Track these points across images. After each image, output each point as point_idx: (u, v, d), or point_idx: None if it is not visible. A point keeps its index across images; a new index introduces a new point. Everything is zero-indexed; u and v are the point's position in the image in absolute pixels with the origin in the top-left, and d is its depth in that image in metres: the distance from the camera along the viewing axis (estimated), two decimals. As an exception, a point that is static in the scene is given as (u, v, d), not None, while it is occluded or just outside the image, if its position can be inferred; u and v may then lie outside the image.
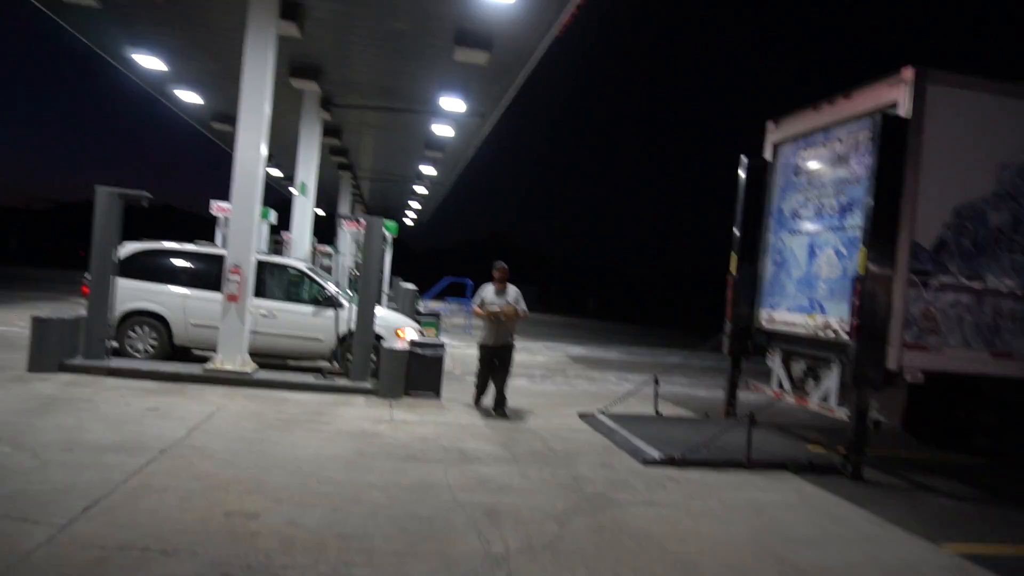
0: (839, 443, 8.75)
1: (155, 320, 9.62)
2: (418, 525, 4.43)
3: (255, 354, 9.54)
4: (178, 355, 9.72)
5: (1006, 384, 7.59)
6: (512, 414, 8.47)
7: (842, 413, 7.52)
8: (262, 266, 9.98)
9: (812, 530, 5.18)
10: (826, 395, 7.83)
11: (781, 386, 8.82)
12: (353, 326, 9.38)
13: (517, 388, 10.68)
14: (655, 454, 6.89)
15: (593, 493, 5.55)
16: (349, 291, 10.29)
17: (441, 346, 9.42)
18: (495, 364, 8.59)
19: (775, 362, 8.98)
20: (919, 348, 7.10)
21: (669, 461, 6.74)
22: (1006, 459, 8.77)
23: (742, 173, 9.64)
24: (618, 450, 7.19)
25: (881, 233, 6.97)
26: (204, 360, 8.99)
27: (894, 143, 6.96)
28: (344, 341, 9.74)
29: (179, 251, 10.14)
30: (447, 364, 9.85)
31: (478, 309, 8.55)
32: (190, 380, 8.50)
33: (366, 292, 9.29)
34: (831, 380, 7.71)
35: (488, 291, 8.58)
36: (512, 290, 8.54)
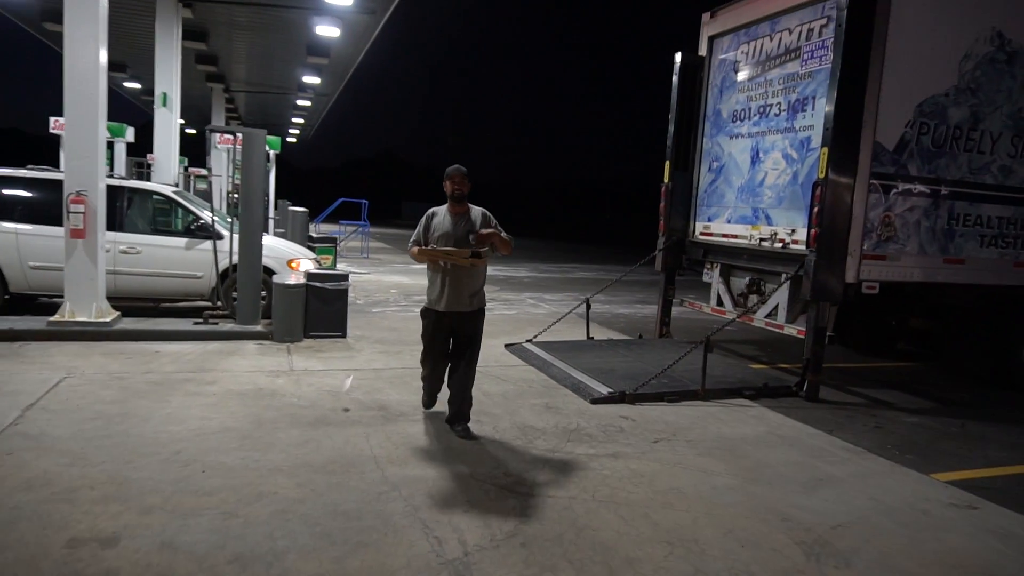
0: (779, 360, 8.40)
1: (-20, 263, 7.77)
2: (344, 525, 3.37)
3: (119, 298, 7.95)
4: (17, 306, 7.95)
5: (945, 289, 7.27)
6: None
7: (792, 330, 6.99)
8: (117, 193, 8.22)
9: (798, 472, 4.54)
10: (773, 311, 7.26)
11: (720, 303, 8.22)
12: (237, 259, 7.93)
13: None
14: (602, 390, 6.09)
15: (548, 449, 4.67)
16: (229, 218, 8.71)
17: (344, 277, 8.16)
18: (455, 345, 4.98)
19: (714, 277, 8.34)
20: (877, 258, 6.56)
21: (619, 397, 5.96)
22: (933, 363, 8.69)
23: (675, 72, 8.68)
24: (559, 387, 6.35)
25: (844, 133, 6.24)
26: (53, 310, 7.33)
27: (861, 30, 6.14)
28: (227, 277, 8.28)
29: (6, 178, 8.18)
30: (350, 294, 8.62)
31: (420, 249, 4.76)
32: (30, 338, 6.87)
33: (249, 218, 7.81)
34: (779, 295, 7.12)
35: (438, 218, 4.85)
36: (477, 213, 4.86)
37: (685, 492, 4.07)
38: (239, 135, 8.52)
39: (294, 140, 39.40)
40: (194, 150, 21.69)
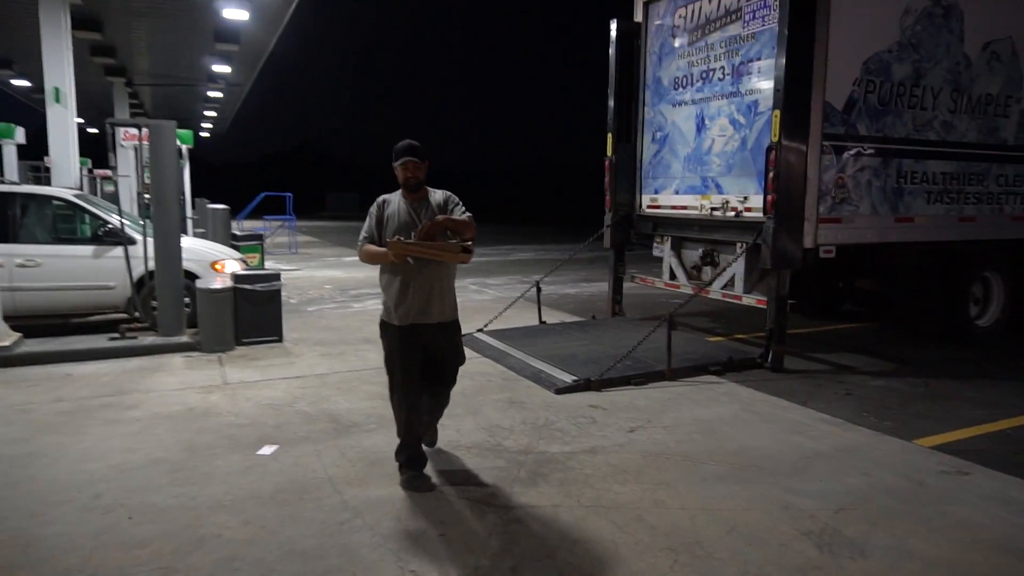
0: (735, 331, 8.26)
1: None
2: (304, 569, 2.90)
3: (20, 317, 7.12)
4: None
5: (892, 248, 7.23)
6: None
7: (750, 300, 6.81)
8: (8, 200, 7.36)
9: (784, 451, 4.31)
10: (730, 282, 7.07)
11: (673, 276, 7.99)
12: (153, 264, 7.20)
13: (365, 309, 9.09)
14: (566, 378, 5.75)
15: (519, 450, 4.29)
16: (142, 221, 7.94)
17: (276, 276, 7.53)
18: (429, 369, 3.92)
19: (665, 251, 8.10)
20: (833, 221, 6.43)
21: (585, 385, 5.64)
22: (881, 322, 8.74)
23: (611, 41, 8.35)
24: (519, 378, 5.98)
25: (794, 94, 6.03)
26: (-62, 336, 6.46)
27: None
28: (144, 285, 7.53)
29: None
30: (282, 295, 8.01)
31: (372, 247, 3.76)
32: (-85, 370, 6.03)
33: (163, 218, 7.08)
34: (736, 265, 6.92)
35: (391, 207, 3.80)
36: (440, 196, 3.84)
37: (675, 487, 3.77)
38: (145, 129, 7.72)
39: (207, 135, 37.43)
40: (97, 150, 20.19)
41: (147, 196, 8.31)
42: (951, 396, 5.67)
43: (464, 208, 3.80)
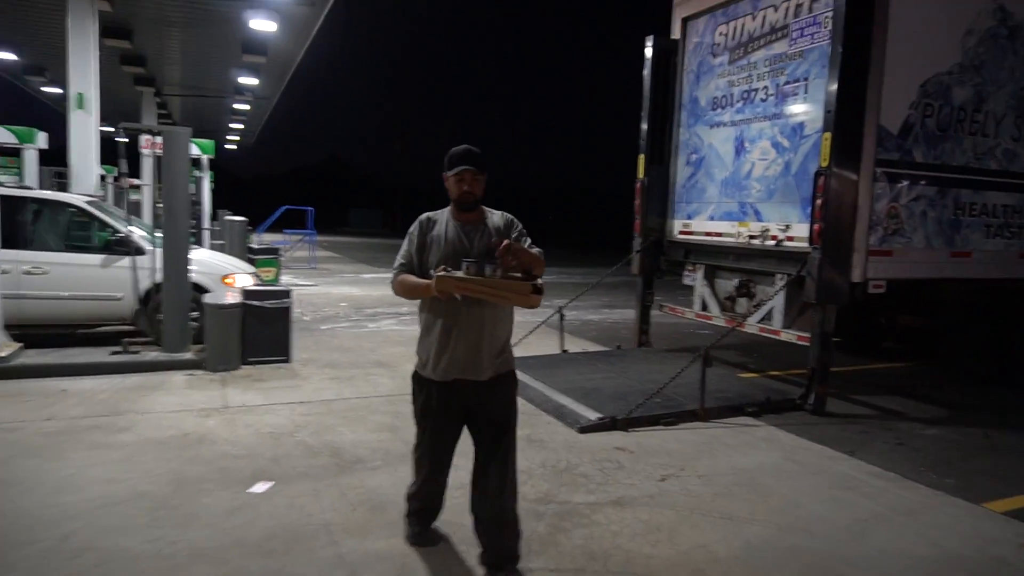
0: (768, 367, 7.76)
1: None
2: (285, 640, 2.49)
3: (26, 326, 6.87)
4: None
5: (941, 284, 6.73)
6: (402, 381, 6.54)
7: (790, 336, 6.33)
8: (18, 205, 7.13)
9: (836, 511, 3.83)
10: (767, 315, 6.60)
11: (705, 307, 7.54)
12: (160, 276, 6.90)
13: (380, 330, 8.72)
14: (590, 415, 5.31)
15: (538, 498, 3.85)
16: (158, 231, 7.67)
17: (286, 293, 7.19)
18: (478, 435, 3.00)
19: (697, 280, 7.65)
20: (884, 254, 5.95)
21: (610, 424, 5.19)
22: (925, 362, 8.19)
23: (647, 58, 7.98)
24: (539, 412, 5.55)
25: (847, 116, 5.60)
26: (-66, 344, 6.19)
27: (863, 2, 5.52)
28: (151, 297, 7.23)
29: None
30: (295, 310, 7.67)
31: (411, 278, 2.91)
32: (-95, 379, 5.75)
33: (173, 228, 6.79)
34: (775, 298, 6.46)
35: (438, 228, 2.96)
36: (498, 219, 3.01)
37: (715, 552, 3.31)
38: (160, 134, 7.49)
39: (234, 147, 37.69)
40: (131, 161, 20.18)
41: (160, 205, 8.05)
42: (1015, 450, 5.14)
43: (530, 239, 2.94)
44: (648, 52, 7.91)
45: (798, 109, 6.32)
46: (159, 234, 7.40)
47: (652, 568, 3.13)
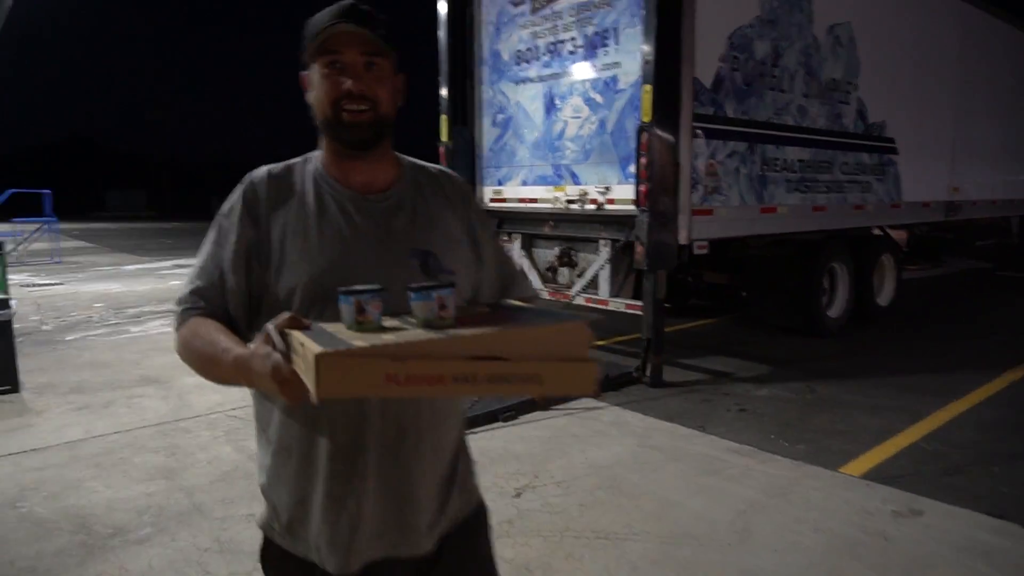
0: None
1: None
2: None
3: None
4: None
5: (746, 240, 6.81)
6: (167, 390, 5.22)
7: (619, 304, 5.99)
8: None
9: (715, 506, 3.43)
10: (592, 284, 6.22)
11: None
12: None
13: (147, 334, 7.16)
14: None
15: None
16: None
17: (4, 302, 5.50)
18: None
19: (514, 250, 7.09)
20: (705, 213, 5.77)
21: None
22: (731, 316, 8.45)
23: (441, 9, 7.16)
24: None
25: (665, 68, 5.25)
26: None
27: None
28: None
29: None
30: (31, 318, 5.95)
31: (215, 338, 1.15)
32: None
33: None
34: (599, 266, 6.08)
35: (301, 196, 1.28)
36: (438, 177, 1.41)
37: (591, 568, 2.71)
38: None
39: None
40: None
41: None
42: (840, 402, 5.20)
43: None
44: (441, 5, 7.09)
45: (610, 62, 5.89)
46: None
47: (535, 633, 2.44)
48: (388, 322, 1.05)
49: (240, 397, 4.75)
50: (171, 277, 13.02)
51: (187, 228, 29.39)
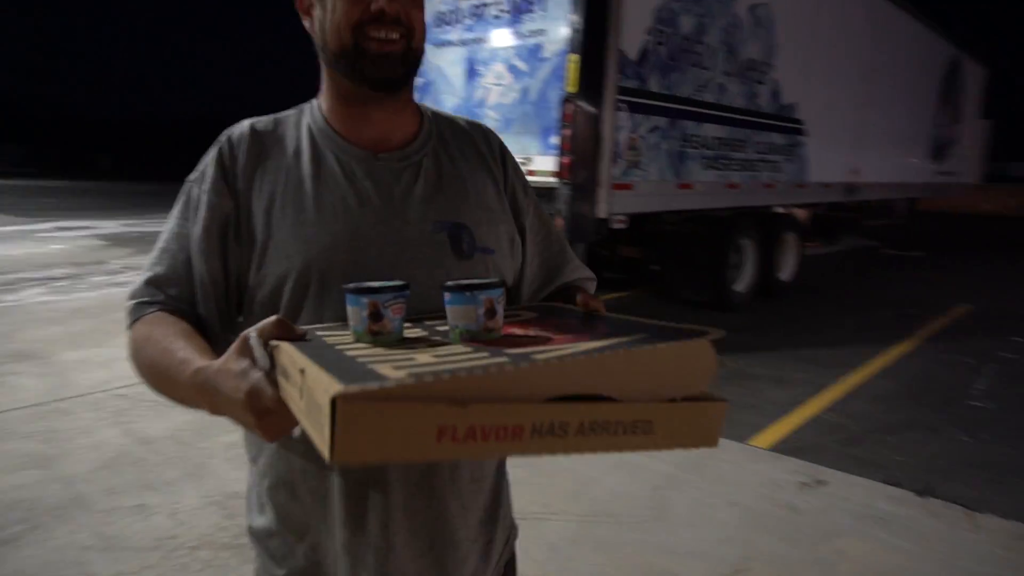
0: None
1: None
2: None
3: None
4: None
5: (660, 215, 6.91)
6: (54, 365, 4.77)
7: (536, 278, 5.94)
8: None
9: (630, 482, 3.44)
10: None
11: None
12: None
13: (21, 303, 6.57)
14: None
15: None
16: None
17: None
18: None
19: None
20: (625, 187, 5.76)
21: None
22: (644, 290, 8.60)
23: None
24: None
25: (591, 38, 5.16)
26: None
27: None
28: None
29: None
30: None
31: (173, 346, 0.89)
32: None
33: None
34: (518, 238, 5.99)
35: (294, 156, 1.01)
36: (472, 131, 1.14)
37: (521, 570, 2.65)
38: None
39: None
40: None
41: None
42: (747, 374, 5.36)
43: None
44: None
45: (535, 28, 5.75)
46: None
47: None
48: (410, 331, 0.79)
49: (130, 373, 4.39)
50: (51, 240, 12.02)
51: (73, 188, 27.31)
